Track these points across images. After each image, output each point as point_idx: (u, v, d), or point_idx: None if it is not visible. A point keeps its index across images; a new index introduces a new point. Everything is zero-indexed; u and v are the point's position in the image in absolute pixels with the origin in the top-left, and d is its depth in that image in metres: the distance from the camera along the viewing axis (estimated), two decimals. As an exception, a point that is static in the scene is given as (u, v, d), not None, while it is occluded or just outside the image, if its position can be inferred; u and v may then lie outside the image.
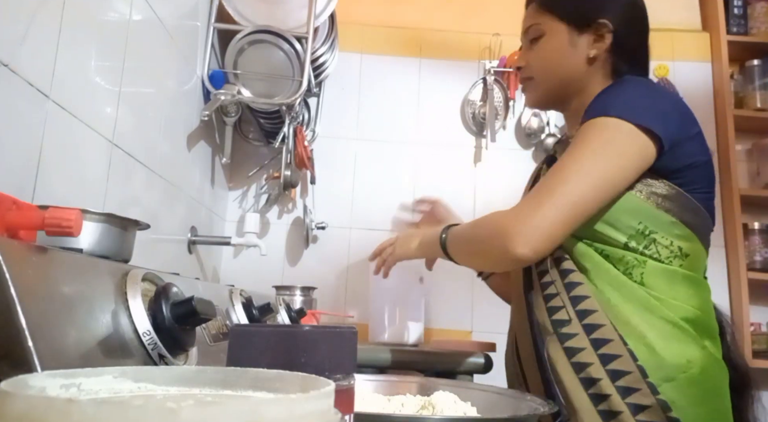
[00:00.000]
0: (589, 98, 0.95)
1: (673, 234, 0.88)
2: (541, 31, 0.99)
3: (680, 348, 0.83)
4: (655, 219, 0.87)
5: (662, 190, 0.87)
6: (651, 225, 0.87)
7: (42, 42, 0.76)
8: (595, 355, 0.83)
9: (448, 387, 0.76)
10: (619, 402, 0.80)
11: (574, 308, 0.87)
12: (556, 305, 0.89)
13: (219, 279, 1.88)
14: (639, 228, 0.87)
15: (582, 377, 0.83)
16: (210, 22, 1.53)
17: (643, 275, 0.86)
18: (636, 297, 0.85)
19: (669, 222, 0.87)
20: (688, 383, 0.81)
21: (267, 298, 1.03)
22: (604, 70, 0.98)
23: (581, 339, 0.85)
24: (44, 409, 0.21)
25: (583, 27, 0.96)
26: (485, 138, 2.07)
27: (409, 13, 2.15)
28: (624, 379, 0.80)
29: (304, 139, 1.84)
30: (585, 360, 0.83)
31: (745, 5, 2.16)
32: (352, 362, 0.42)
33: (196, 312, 0.52)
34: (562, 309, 0.88)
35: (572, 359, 0.84)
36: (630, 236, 0.87)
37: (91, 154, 0.92)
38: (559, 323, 0.88)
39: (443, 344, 1.53)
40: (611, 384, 0.81)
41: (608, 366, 0.82)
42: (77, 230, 0.47)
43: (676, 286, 0.87)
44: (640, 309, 0.84)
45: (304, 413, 0.24)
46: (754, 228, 2.01)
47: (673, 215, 0.87)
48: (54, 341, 0.39)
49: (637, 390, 0.80)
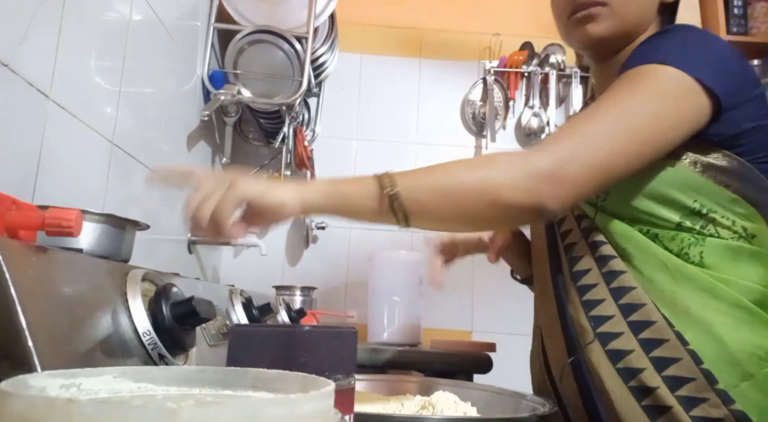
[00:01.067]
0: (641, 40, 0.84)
1: (735, 214, 0.75)
2: None
3: (752, 336, 0.70)
4: (714, 196, 0.74)
5: (721, 161, 0.74)
6: (709, 203, 0.74)
7: (42, 42, 0.76)
8: (647, 358, 0.70)
9: (448, 387, 0.76)
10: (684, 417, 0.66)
11: (617, 302, 0.74)
12: (594, 298, 0.76)
13: (219, 279, 1.88)
14: (694, 208, 0.74)
15: (632, 386, 0.70)
16: (210, 22, 1.53)
17: (702, 254, 0.73)
18: (696, 282, 0.72)
19: (730, 199, 0.74)
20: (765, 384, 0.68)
21: (267, 298, 1.03)
22: (658, 22, 0.88)
23: (628, 339, 0.72)
24: (44, 409, 0.21)
25: None
26: (485, 138, 2.07)
27: (409, 13, 2.15)
28: (686, 387, 0.67)
29: (304, 139, 1.84)
30: (635, 365, 0.70)
31: (745, 5, 2.16)
32: (352, 362, 0.42)
33: (196, 312, 0.52)
34: (602, 303, 0.75)
35: (618, 364, 0.71)
36: (683, 215, 0.74)
37: (91, 154, 0.92)
38: (600, 320, 0.74)
39: (443, 344, 1.53)
40: (670, 393, 0.67)
41: (665, 371, 0.69)
42: (77, 230, 0.47)
43: (743, 264, 0.74)
44: (702, 295, 0.72)
45: (304, 413, 0.24)
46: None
47: (735, 191, 0.74)
48: (54, 341, 0.39)
49: (704, 401, 0.67)
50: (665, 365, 0.69)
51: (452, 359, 1.39)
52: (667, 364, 0.69)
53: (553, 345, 0.83)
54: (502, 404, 0.73)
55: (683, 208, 0.74)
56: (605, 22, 0.82)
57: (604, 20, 0.82)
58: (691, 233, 0.75)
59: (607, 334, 0.73)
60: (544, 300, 0.86)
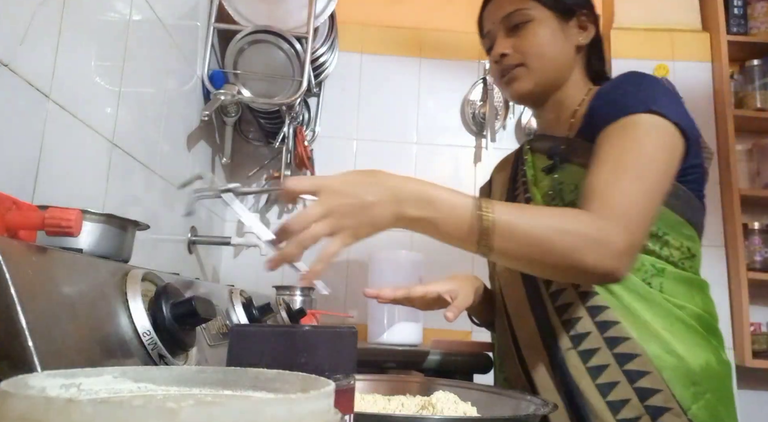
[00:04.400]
0: (568, 93, 0.96)
1: (682, 235, 0.86)
2: (529, 17, 0.94)
3: (702, 353, 0.82)
4: (667, 219, 0.85)
5: (670, 188, 0.83)
6: (663, 226, 0.85)
7: (42, 42, 0.76)
8: (621, 372, 0.79)
9: (448, 387, 0.76)
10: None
11: (593, 319, 0.82)
12: (573, 317, 0.84)
13: (219, 279, 1.88)
14: (653, 230, 0.84)
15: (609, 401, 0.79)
16: (210, 22, 1.53)
17: (662, 284, 0.84)
18: (658, 305, 0.83)
19: (678, 222, 0.85)
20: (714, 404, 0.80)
21: (267, 298, 1.03)
22: (582, 63, 0.99)
23: (605, 354, 0.81)
24: (44, 409, 0.21)
25: (568, 16, 0.95)
26: (485, 138, 2.07)
27: (409, 13, 2.15)
28: (654, 398, 0.77)
29: (304, 139, 1.84)
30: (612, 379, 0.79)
31: (745, 5, 2.16)
32: (352, 362, 0.42)
33: (196, 312, 0.52)
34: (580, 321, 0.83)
35: (597, 380, 0.80)
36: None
37: (91, 154, 0.92)
38: (579, 337, 0.83)
39: (443, 344, 1.53)
40: (641, 404, 0.77)
41: (636, 384, 0.78)
42: (77, 230, 0.47)
43: (693, 292, 0.86)
44: (663, 317, 0.82)
45: (304, 413, 0.24)
46: (754, 228, 2.01)
47: (681, 215, 0.85)
48: (54, 341, 0.39)
49: (668, 410, 0.77)
50: (636, 378, 0.78)
51: (452, 359, 1.39)
52: (638, 377, 0.78)
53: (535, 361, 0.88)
54: (502, 404, 0.73)
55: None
56: (527, 79, 0.95)
57: (526, 78, 0.95)
58: (652, 257, 0.85)
59: (588, 351, 0.81)
60: (522, 320, 0.92)
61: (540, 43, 0.94)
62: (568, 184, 0.90)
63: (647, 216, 0.75)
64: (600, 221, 0.72)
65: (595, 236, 0.70)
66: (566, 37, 0.95)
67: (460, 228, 0.69)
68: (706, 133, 2.04)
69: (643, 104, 0.81)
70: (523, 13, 0.94)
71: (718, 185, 2.05)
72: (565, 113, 0.97)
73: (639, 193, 0.75)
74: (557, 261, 0.70)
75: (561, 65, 0.95)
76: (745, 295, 1.91)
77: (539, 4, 0.94)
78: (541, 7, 0.94)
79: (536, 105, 1.01)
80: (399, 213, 0.67)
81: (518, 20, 0.94)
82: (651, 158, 0.77)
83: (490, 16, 0.99)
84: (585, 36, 0.97)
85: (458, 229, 0.69)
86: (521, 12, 0.94)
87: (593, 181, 0.77)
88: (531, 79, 0.95)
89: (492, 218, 0.69)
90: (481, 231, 0.69)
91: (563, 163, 0.92)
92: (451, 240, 0.71)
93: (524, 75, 0.95)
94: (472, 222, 0.69)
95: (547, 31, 0.94)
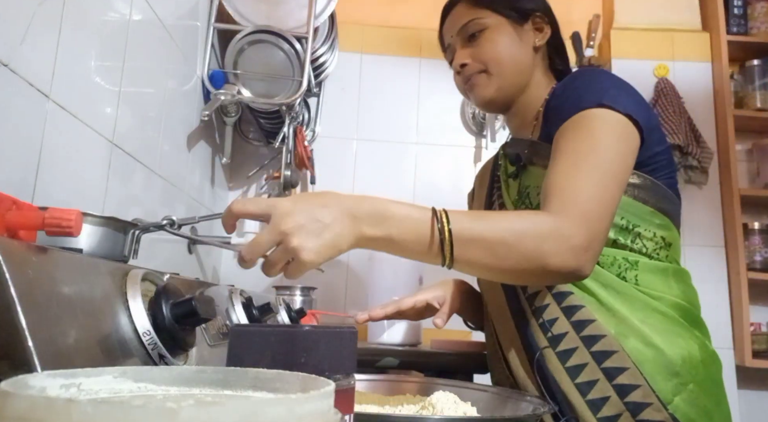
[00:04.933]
0: (532, 94, 0.97)
1: (654, 225, 0.86)
2: (484, 25, 0.96)
3: (683, 343, 0.82)
4: (635, 211, 0.85)
5: (635, 180, 0.85)
6: (633, 218, 0.85)
7: (42, 42, 0.76)
8: (600, 370, 0.79)
9: (448, 387, 0.76)
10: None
11: (569, 319, 0.82)
12: (550, 318, 0.84)
13: (219, 279, 1.88)
14: (622, 224, 0.85)
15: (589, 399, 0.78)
16: (210, 22, 1.53)
17: (637, 277, 0.84)
18: (633, 298, 0.83)
19: (648, 213, 0.86)
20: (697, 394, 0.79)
21: (267, 298, 1.03)
22: (543, 64, 1.00)
23: (582, 353, 0.80)
24: (44, 409, 0.21)
25: (522, 19, 0.97)
26: (485, 138, 2.07)
27: (409, 13, 2.15)
28: (634, 394, 0.77)
29: (304, 139, 1.84)
30: (591, 378, 0.79)
31: (745, 5, 2.16)
32: (352, 362, 0.42)
33: (196, 312, 0.52)
34: (557, 322, 0.83)
35: (576, 379, 0.80)
36: (616, 232, 0.84)
37: (91, 154, 0.92)
38: (556, 338, 0.82)
39: (443, 344, 1.53)
40: (620, 400, 0.77)
41: (615, 380, 0.78)
42: (77, 230, 0.47)
43: (670, 281, 0.86)
44: (639, 309, 0.82)
45: (304, 413, 0.24)
46: (754, 228, 2.01)
47: (651, 205, 0.86)
48: (54, 341, 0.39)
49: (648, 405, 0.76)
50: (615, 374, 0.78)
51: (452, 359, 1.39)
52: (616, 374, 0.78)
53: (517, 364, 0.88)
54: (502, 404, 0.73)
55: (615, 225, 0.83)
56: (489, 85, 0.97)
57: (487, 84, 0.97)
58: (624, 250, 0.85)
59: (565, 352, 0.81)
60: (503, 325, 0.92)
61: (497, 49, 0.95)
62: (534, 187, 0.91)
63: (606, 209, 0.75)
64: (557, 219, 0.72)
65: (553, 235, 0.70)
66: (522, 41, 0.97)
67: (421, 242, 0.68)
68: (706, 133, 2.04)
69: (594, 99, 0.82)
70: (477, 23, 0.96)
71: (718, 185, 2.05)
72: (530, 115, 0.99)
73: (595, 186, 0.75)
74: (519, 265, 0.70)
75: (520, 67, 0.97)
76: (745, 295, 1.91)
77: (492, 12, 0.96)
78: (494, 15, 0.96)
79: (502, 110, 1.02)
80: (357, 233, 0.66)
81: (473, 30, 0.96)
82: (605, 150, 0.78)
83: (448, 31, 1.01)
84: (541, 37, 0.99)
85: (419, 243, 0.68)
86: (475, 22, 0.96)
87: (549, 179, 0.78)
88: (492, 84, 0.96)
89: (449, 228, 0.68)
90: (441, 242, 0.68)
91: (528, 166, 0.93)
92: (413, 254, 0.69)
93: (485, 81, 0.97)
94: (432, 235, 0.68)
95: (502, 37, 0.96)
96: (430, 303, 1.02)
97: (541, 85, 0.99)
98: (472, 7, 0.98)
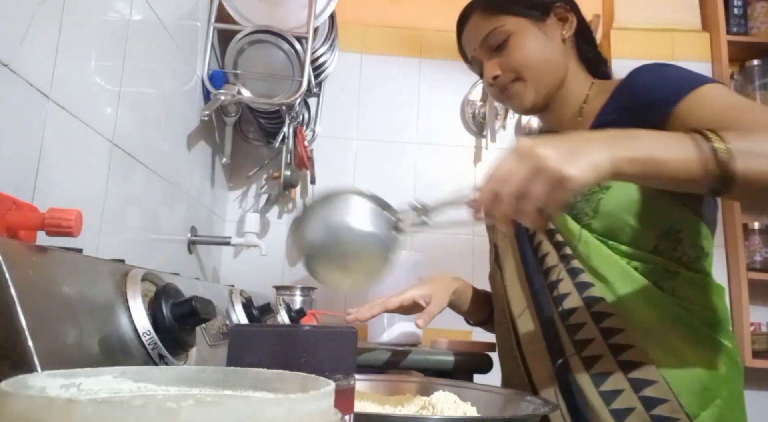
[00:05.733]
0: (570, 88, 0.93)
1: (696, 233, 0.83)
2: (506, 33, 0.91)
3: (709, 356, 0.79)
4: (680, 216, 0.82)
5: None
6: (676, 223, 0.81)
7: (42, 42, 0.76)
8: (626, 380, 0.77)
9: (448, 387, 0.76)
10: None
11: (597, 325, 0.80)
12: (577, 322, 0.81)
13: (219, 279, 1.88)
14: (665, 228, 0.81)
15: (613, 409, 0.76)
16: (210, 22, 1.53)
17: (674, 287, 0.81)
18: (666, 309, 0.80)
19: (692, 220, 0.82)
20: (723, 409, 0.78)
21: (267, 298, 1.03)
22: (575, 53, 0.96)
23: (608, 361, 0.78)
24: (44, 409, 0.21)
25: (544, 15, 0.93)
26: (485, 138, 2.07)
27: (409, 13, 2.15)
28: (660, 408, 0.75)
29: (304, 139, 1.84)
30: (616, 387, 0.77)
31: (745, 5, 2.16)
32: (352, 362, 0.42)
33: (196, 312, 0.52)
34: (584, 327, 0.80)
35: (600, 387, 0.78)
36: (657, 236, 0.81)
37: (91, 154, 0.92)
38: (581, 343, 0.80)
39: (443, 344, 1.53)
40: (645, 412, 0.75)
41: (641, 392, 0.76)
42: (77, 230, 0.47)
43: (705, 295, 0.83)
44: (670, 320, 0.79)
45: (304, 413, 0.24)
46: (754, 228, 2.01)
47: (696, 212, 0.82)
48: (54, 341, 0.39)
49: (675, 421, 0.75)
50: (641, 386, 0.76)
51: (452, 359, 1.39)
52: (643, 386, 0.76)
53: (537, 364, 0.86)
54: (502, 404, 0.73)
55: (658, 229, 0.81)
56: (526, 92, 0.92)
57: (525, 92, 0.92)
58: (664, 258, 0.81)
59: (591, 358, 0.79)
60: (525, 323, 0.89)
61: (526, 54, 0.91)
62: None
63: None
64: None
65: None
66: (549, 37, 0.93)
67: (689, 160, 0.60)
68: (706, 133, 2.04)
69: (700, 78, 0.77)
70: (499, 32, 0.92)
71: (718, 185, 2.05)
72: (571, 109, 0.95)
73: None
74: None
75: (554, 65, 0.93)
76: (745, 295, 1.91)
77: (512, 17, 0.92)
78: (514, 19, 0.92)
79: (542, 111, 0.98)
80: (616, 153, 0.57)
81: (498, 39, 0.92)
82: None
83: (469, 43, 0.98)
84: (568, 27, 0.94)
85: (686, 161, 0.60)
86: (497, 31, 0.92)
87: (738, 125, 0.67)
88: (529, 90, 0.92)
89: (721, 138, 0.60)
90: (715, 157, 0.59)
91: None
92: (679, 177, 0.60)
93: (521, 89, 0.93)
94: (700, 150, 0.60)
95: (528, 40, 0.91)
96: (417, 301, 1.01)
97: (579, 77, 0.95)
98: (490, 16, 0.93)
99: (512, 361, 0.93)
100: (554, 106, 0.95)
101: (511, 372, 0.94)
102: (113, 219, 0.99)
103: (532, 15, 0.92)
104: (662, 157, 0.60)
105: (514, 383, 0.92)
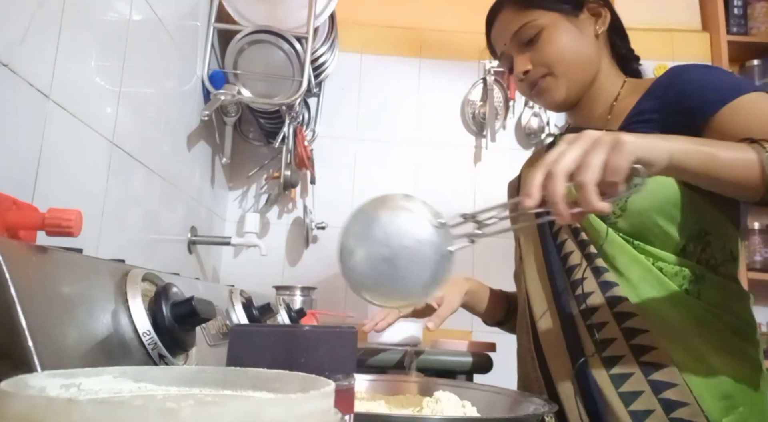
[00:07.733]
0: (602, 85, 0.91)
1: (725, 236, 0.82)
2: (538, 27, 0.89)
3: (733, 362, 0.78)
4: (710, 218, 0.80)
5: None
6: (706, 225, 0.80)
7: (42, 42, 0.76)
8: (646, 382, 0.76)
9: (448, 387, 0.76)
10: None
11: (620, 326, 0.78)
12: (599, 321, 0.80)
13: (219, 279, 1.88)
14: (695, 229, 0.80)
15: (632, 410, 0.75)
16: (210, 22, 1.53)
17: (700, 291, 0.79)
18: (692, 312, 0.78)
19: (721, 222, 0.81)
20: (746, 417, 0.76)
21: (267, 298, 1.03)
22: (608, 50, 0.94)
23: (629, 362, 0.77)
24: (44, 409, 0.21)
25: (577, 9, 0.91)
26: (485, 138, 2.07)
27: (409, 13, 2.15)
28: (680, 411, 0.74)
29: (304, 139, 1.84)
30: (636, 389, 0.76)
31: (745, 5, 2.16)
32: (352, 362, 0.42)
33: (196, 312, 0.52)
34: (606, 326, 0.79)
35: (620, 388, 0.77)
36: (686, 238, 0.79)
37: (91, 154, 0.92)
38: (603, 343, 0.79)
39: (443, 344, 1.53)
40: (665, 416, 0.74)
41: (661, 395, 0.75)
42: (77, 230, 0.47)
43: (731, 300, 0.81)
44: (695, 324, 0.78)
45: (304, 413, 0.24)
46: (754, 228, 2.01)
47: (730, 217, 0.81)
48: (54, 341, 0.39)
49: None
50: (662, 388, 0.75)
51: (452, 359, 1.39)
52: (664, 388, 0.75)
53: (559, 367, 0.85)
54: (502, 404, 0.73)
55: (687, 230, 0.79)
56: (557, 88, 0.90)
57: (556, 87, 0.90)
58: (691, 261, 0.80)
59: (612, 358, 0.78)
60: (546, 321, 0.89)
61: (558, 49, 0.89)
62: None
63: None
64: None
65: None
66: (582, 32, 0.90)
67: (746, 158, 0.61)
68: (706, 133, 2.04)
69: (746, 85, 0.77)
70: (531, 26, 0.89)
71: (718, 185, 2.05)
72: (601, 107, 0.93)
73: None
74: None
75: (586, 61, 0.90)
76: (745, 295, 1.91)
77: (544, 11, 0.90)
78: (547, 13, 0.90)
79: (572, 108, 0.95)
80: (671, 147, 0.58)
81: (529, 34, 0.90)
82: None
83: (499, 38, 0.95)
84: (601, 22, 0.92)
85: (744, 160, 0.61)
86: (529, 25, 0.89)
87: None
88: (561, 85, 0.90)
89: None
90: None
91: None
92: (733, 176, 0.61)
93: (552, 84, 0.90)
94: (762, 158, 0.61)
95: (560, 35, 0.89)
96: (429, 304, 1.01)
97: (611, 75, 0.93)
98: (522, 10, 0.91)
99: (530, 362, 0.92)
100: (584, 103, 0.93)
101: (527, 372, 0.93)
102: (113, 219, 0.99)
103: (565, 9, 0.90)
104: (725, 157, 0.61)
105: (529, 383, 0.91)
